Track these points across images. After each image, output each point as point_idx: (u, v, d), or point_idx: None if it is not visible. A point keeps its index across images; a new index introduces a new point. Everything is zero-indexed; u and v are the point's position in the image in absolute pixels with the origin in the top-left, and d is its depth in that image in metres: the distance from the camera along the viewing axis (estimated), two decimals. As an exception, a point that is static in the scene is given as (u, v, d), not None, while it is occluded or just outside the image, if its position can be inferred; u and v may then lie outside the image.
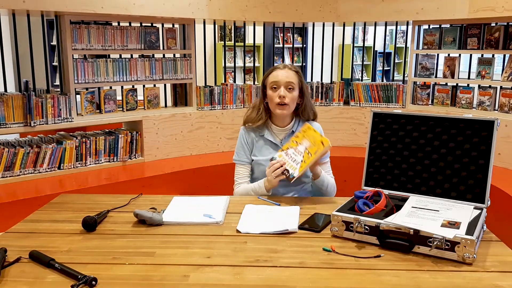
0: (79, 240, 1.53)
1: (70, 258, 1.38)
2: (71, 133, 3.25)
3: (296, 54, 6.89)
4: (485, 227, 1.58)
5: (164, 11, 3.30)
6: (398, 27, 4.40)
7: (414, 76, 3.88)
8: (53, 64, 5.41)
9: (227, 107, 3.79)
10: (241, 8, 3.63)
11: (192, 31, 3.61)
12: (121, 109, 3.40)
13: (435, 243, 1.36)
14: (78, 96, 3.21)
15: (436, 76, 3.82)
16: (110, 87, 3.36)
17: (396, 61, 7.37)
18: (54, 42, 5.16)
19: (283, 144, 2.06)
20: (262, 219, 1.70)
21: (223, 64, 4.09)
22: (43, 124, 2.99)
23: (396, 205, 1.64)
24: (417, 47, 3.85)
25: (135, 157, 3.40)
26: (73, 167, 3.11)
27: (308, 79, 4.32)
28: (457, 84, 3.70)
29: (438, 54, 3.82)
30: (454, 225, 1.42)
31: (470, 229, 1.39)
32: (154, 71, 3.47)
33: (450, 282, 1.25)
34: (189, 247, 1.47)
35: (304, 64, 6.59)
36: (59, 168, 3.06)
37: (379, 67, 7.29)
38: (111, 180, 3.00)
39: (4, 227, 1.69)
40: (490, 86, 3.49)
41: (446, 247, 1.36)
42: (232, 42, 5.43)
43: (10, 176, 2.88)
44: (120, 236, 1.57)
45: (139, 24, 3.42)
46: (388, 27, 4.59)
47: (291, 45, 4.73)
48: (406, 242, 1.41)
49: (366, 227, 1.48)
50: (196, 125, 3.66)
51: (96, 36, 3.16)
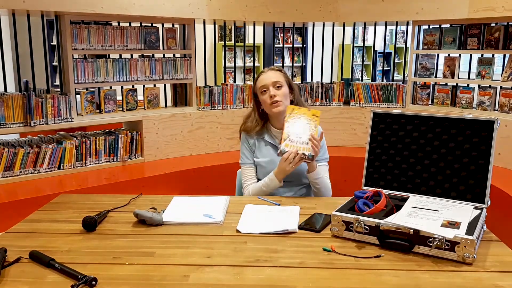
0: (79, 240, 1.53)
1: (70, 258, 1.38)
2: (71, 133, 3.25)
3: (296, 54, 6.89)
4: (485, 227, 1.58)
5: (164, 11, 3.30)
6: (398, 27, 4.40)
7: (414, 76, 3.88)
8: (53, 64, 5.41)
9: (227, 107, 3.79)
10: (241, 8, 3.63)
11: (192, 31, 3.61)
12: (121, 109, 3.40)
13: (435, 243, 1.36)
14: (78, 96, 3.21)
15: (436, 76, 3.82)
16: (110, 87, 3.37)
17: (396, 61, 7.37)
18: (54, 42, 5.16)
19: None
20: (262, 219, 1.70)
21: (223, 64, 4.09)
22: (43, 124, 2.99)
23: (396, 205, 1.64)
24: (417, 47, 3.85)
25: (135, 157, 3.40)
26: (73, 167, 3.12)
27: (308, 79, 4.32)
28: (457, 84, 3.70)
29: (438, 54, 3.82)
30: (454, 225, 1.42)
31: (470, 229, 1.39)
32: (154, 71, 3.47)
33: (450, 282, 1.25)
34: (189, 247, 1.47)
35: (304, 64, 6.59)
36: (59, 168, 3.06)
37: (379, 67, 7.29)
38: (111, 180, 3.00)
39: (4, 227, 1.69)
40: (490, 86, 3.49)
41: (446, 247, 1.36)
42: (232, 42, 5.43)
43: (10, 176, 2.88)
44: (120, 236, 1.57)
45: (139, 24, 3.42)
46: (388, 27, 4.59)
47: (291, 45, 4.73)
48: (406, 242, 1.41)
49: (366, 227, 1.48)
50: (196, 125, 3.66)
51: (96, 36, 3.16)
